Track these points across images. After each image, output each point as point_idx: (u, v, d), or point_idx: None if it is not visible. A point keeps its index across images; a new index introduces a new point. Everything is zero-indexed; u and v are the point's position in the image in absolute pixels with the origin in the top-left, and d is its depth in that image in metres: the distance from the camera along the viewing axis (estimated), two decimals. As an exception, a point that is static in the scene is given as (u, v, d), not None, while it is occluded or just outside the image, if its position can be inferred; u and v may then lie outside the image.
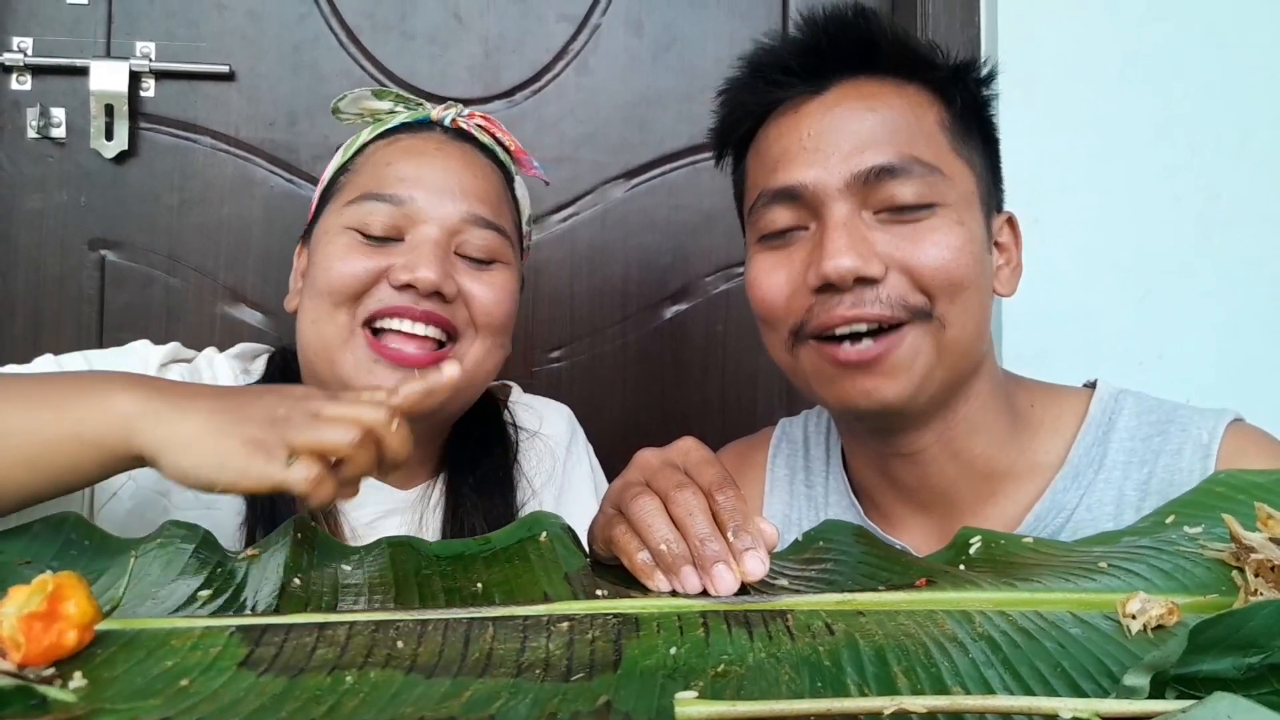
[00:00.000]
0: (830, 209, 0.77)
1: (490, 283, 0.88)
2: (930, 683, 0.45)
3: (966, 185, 0.80)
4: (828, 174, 0.77)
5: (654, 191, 1.41)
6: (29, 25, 1.35)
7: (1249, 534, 0.52)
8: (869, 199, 0.77)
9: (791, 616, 0.52)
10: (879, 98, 0.80)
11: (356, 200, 0.86)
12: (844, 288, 0.75)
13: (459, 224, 0.87)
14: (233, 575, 0.59)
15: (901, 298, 0.76)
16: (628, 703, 0.42)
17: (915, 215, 0.77)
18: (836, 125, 0.79)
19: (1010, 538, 0.63)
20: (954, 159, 0.80)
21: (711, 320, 1.41)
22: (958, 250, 0.76)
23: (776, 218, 0.80)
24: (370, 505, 0.89)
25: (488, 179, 0.91)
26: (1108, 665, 0.45)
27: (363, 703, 0.43)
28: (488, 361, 0.89)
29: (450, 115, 0.94)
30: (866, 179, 0.76)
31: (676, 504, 0.57)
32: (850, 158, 0.77)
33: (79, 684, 0.44)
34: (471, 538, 0.64)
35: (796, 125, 0.80)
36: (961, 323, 0.77)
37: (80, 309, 1.35)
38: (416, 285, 0.83)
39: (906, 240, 0.76)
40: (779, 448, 0.97)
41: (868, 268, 0.75)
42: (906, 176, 0.76)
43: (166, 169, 1.36)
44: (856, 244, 0.75)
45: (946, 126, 0.80)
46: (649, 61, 1.41)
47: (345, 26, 1.38)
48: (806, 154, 0.78)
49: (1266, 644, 0.40)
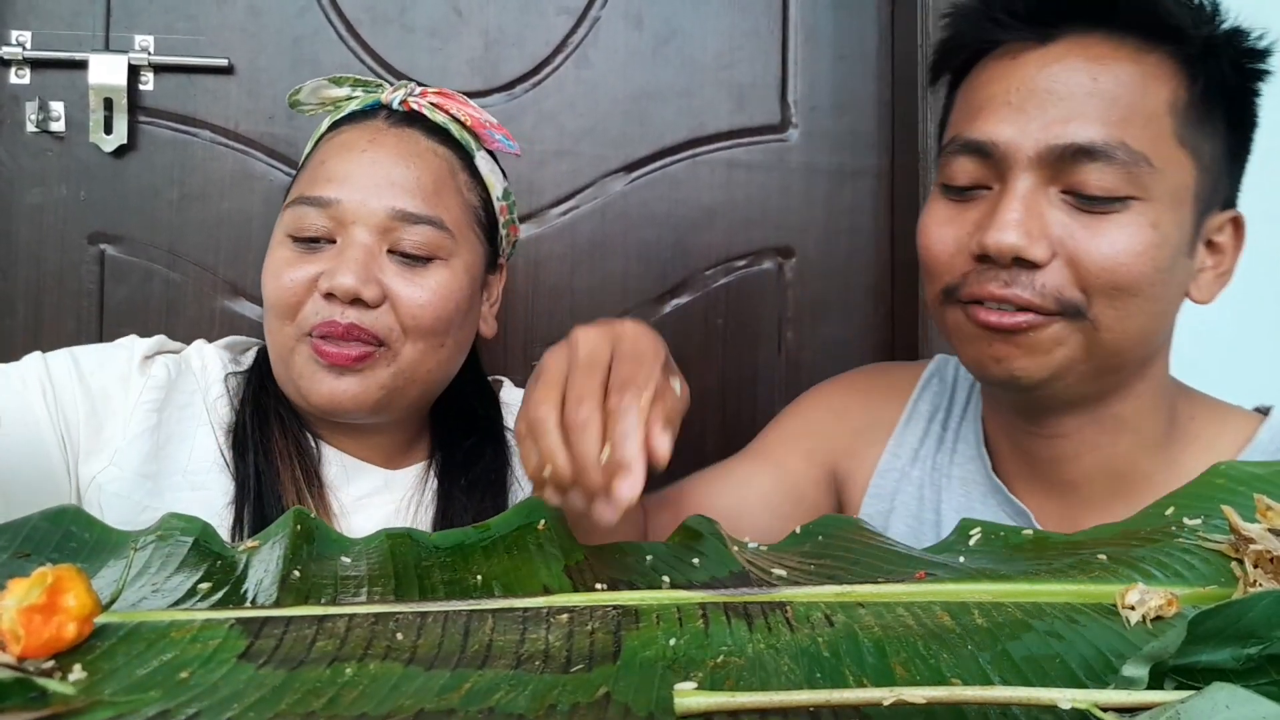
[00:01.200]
0: (1014, 176, 0.71)
1: (421, 284, 0.85)
2: (929, 674, 0.45)
3: (1180, 179, 0.72)
4: (1022, 137, 0.71)
5: (654, 185, 1.41)
6: (27, 18, 1.34)
7: (1248, 525, 0.52)
8: (1058, 176, 0.70)
9: (791, 608, 0.52)
10: (1107, 62, 0.71)
11: (293, 203, 0.86)
12: (1001, 263, 0.71)
13: (387, 222, 0.84)
14: (233, 567, 0.59)
15: (1057, 290, 0.70)
16: (627, 694, 0.43)
17: (1104, 207, 0.70)
18: (1048, 85, 0.71)
19: (1010, 529, 0.63)
20: (1174, 147, 0.71)
21: (712, 314, 1.41)
22: (1136, 255, 0.70)
23: (961, 170, 0.74)
24: (358, 483, 0.90)
25: (426, 165, 0.87)
26: (1107, 656, 0.45)
27: (362, 694, 0.43)
28: (426, 363, 0.87)
29: (400, 96, 0.90)
30: (1061, 155, 0.70)
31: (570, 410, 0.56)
32: (1051, 126, 0.70)
33: (78, 676, 0.44)
34: (470, 526, 0.64)
35: (1008, 74, 0.73)
36: (1118, 328, 0.71)
37: (80, 303, 1.35)
38: (335, 293, 0.82)
39: (1085, 229, 0.70)
40: (929, 383, 0.93)
41: (1031, 249, 0.69)
42: (1106, 162, 0.69)
43: (166, 163, 1.36)
44: (1028, 220, 0.70)
45: (1178, 109, 0.72)
46: (649, 55, 1.41)
47: (345, 20, 1.38)
48: (1009, 110, 0.72)
49: (1265, 635, 0.40)
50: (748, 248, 1.41)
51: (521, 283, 1.39)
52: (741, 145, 1.41)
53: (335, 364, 0.83)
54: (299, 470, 0.87)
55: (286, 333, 0.85)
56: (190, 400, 0.88)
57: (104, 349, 0.88)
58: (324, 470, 0.89)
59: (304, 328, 0.84)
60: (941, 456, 0.88)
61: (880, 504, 0.89)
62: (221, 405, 0.89)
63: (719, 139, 1.41)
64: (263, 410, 0.89)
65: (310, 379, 0.85)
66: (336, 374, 0.84)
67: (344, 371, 0.84)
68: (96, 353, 0.87)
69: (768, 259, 1.42)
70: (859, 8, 1.43)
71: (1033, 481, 0.82)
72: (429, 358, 0.87)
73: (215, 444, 0.87)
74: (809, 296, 1.42)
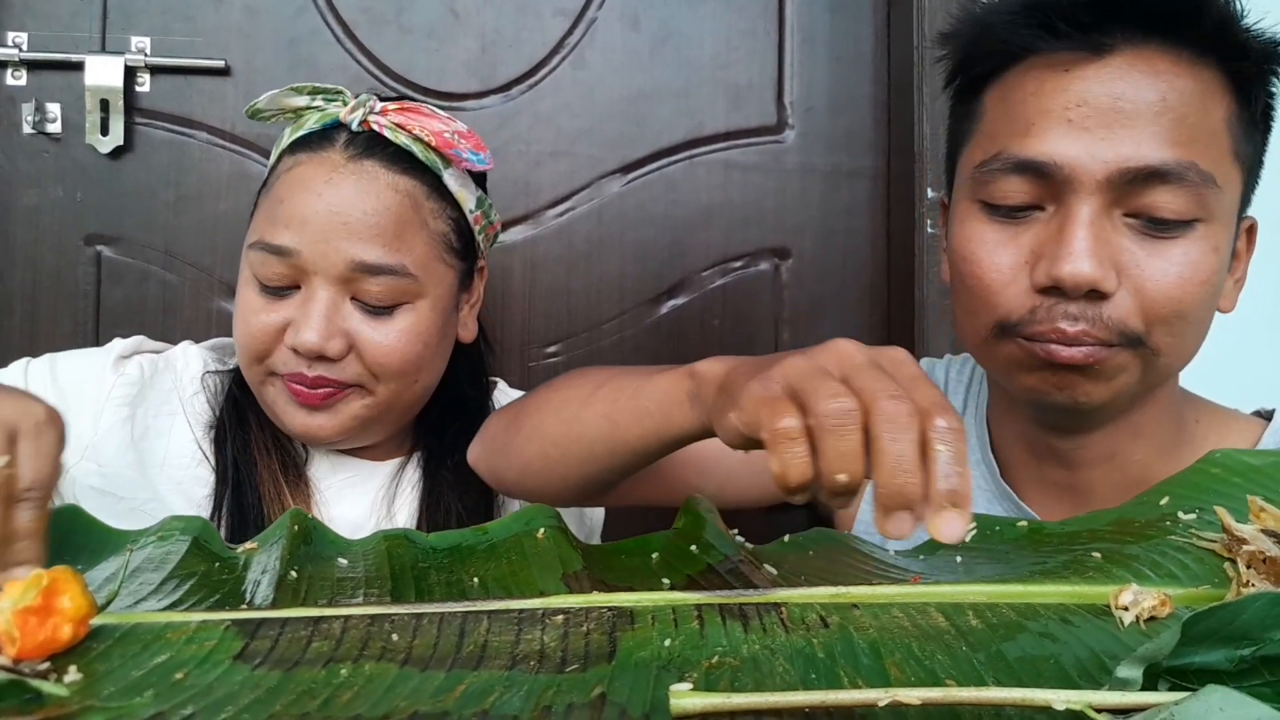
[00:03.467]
0: (1080, 200, 0.67)
1: (386, 330, 0.85)
2: (923, 675, 0.45)
3: (1234, 194, 0.71)
4: (1090, 159, 0.67)
5: (651, 186, 1.41)
6: (24, 20, 1.34)
7: (1241, 526, 0.52)
8: (1125, 199, 0.67)
9: (786, 609, 0.52)
10: (1169, 77, 0.68)
11: (254, 246, 0.86)
12: (1073, 296, 0.67)
13: (347, 273, 0.83)
14: (232, 567, 0.59)
15: (1121, 322, 0.68)
16: (622, 694, 0.43)
17: (1171, 231, 0.68)
18: (1114, 104, 0.67)
19: (1004, 522, 0.63)
20: (1231, 164, 0.70)
21: (708, 315, 1.41)
22: (1200, 283, 0.68)
23: (1012, 189, 0.70)
24: (339, 472, 0.91)
25: (386, 207, 0.84)
26: (1101, 657, 0.45)
27: (357, 696, 0.43)
28: (404, 395, 0.88)
29: (359, 116, 0.86)
30: (1133, 179, 0.66)
31: (882, 416, 0.45)
32: (1120, 147, 0.66)
33: (74, 678, 0.44)
34: (468, 528, 0.64)
35: (1065, 88, 0.68)
36: (1176, 353, 0.71)
37: (76, 305, 1.35)
38: (299, 351, 0.83)
39: (1151, 256, 0.68)
40: None
41: (1105, 281, 0.66)
42: (1178, 185, 0.66)
43: (162, 164, 1.36)
44: (1099, 249, 0.67)
45: (1233, 124, 0.70)
46: (646, 56, 1.41)
47: (341, 21, 1.38)
48: (1070, 128, 0.68)
49: (1259, 636, 0.40)
50: (744, 249, 1.41)
51: (518, 284, 1.39)
52: (738, 146, 1.41)
53: (307, 403, 0.85)
54: (276, 461, 0.88)
55: (256, 370, 0.87)
56: (167, 398, 0.89)
57: (85, 351, 0.90)
58: (306, 464, 0.91)
59: (274, 369, 0.86)
60: None
61: None
62: (199, 402, 0.90)
63: (715, 140, 1.41)
64: (241, 405, 0.90)
65: (284, 411, 0.86)
66: (309, 411, 0.85)
67: (316, 409, 0.85)
68: (76, 355, 0.89)
69: (764, 260, 1.42)
70: (855, 9, 1.43)
71: (1044, 488, 0.81)
72: (405, 392, 0.88)
73: (193, 439, 0.88)
74: (805, 297, 1.42)
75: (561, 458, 0.75)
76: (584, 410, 0.73)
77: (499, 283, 1.38)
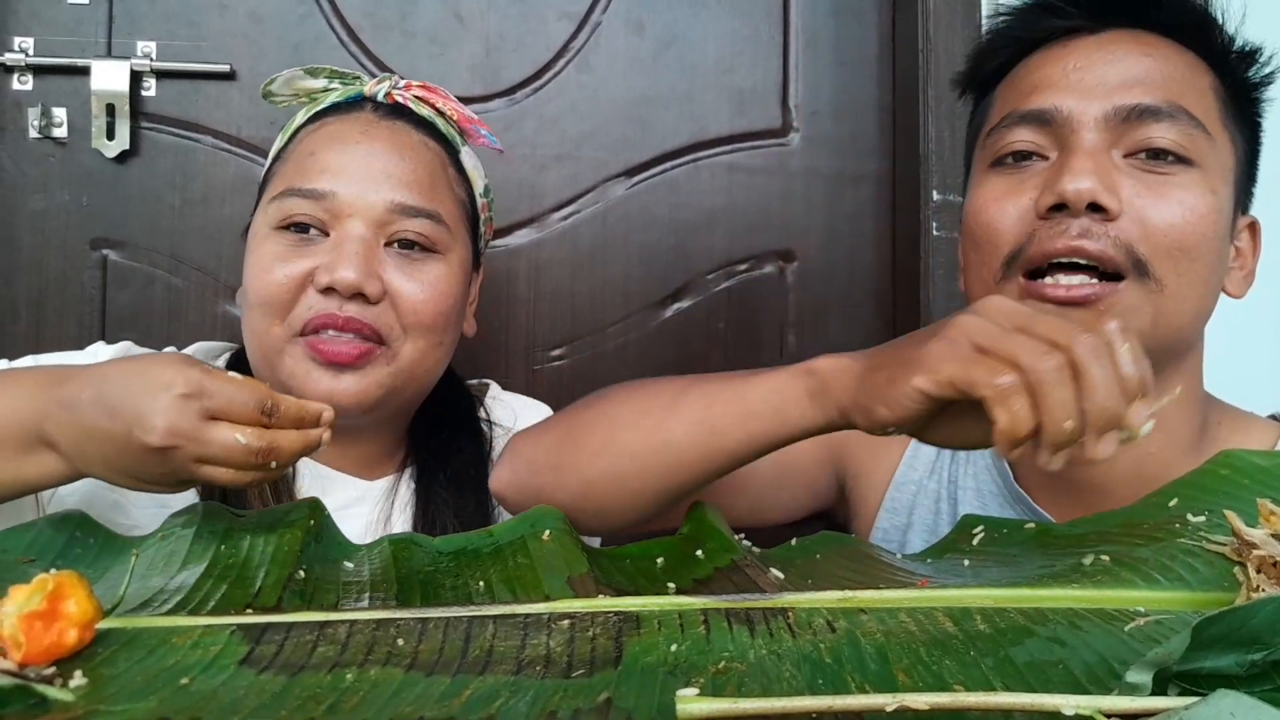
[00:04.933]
0: (1080, 136, 0.73)
1: (421, 279, 0.83)
2: (931, 680, 0.44)
3: (1227, 158, 0.75)
4: (1086, 103, 0.73)
5: (655, 189, 1.41)
6: (30, 25, 1.35)
7: (1251, 530, 0.52)
8: (1123, 139, 0.73)
9: (792, 614, 0.52)
10: (1156, 47, 0.76)
11: (280, 196, 0.84)
12: (1076, 212, 0.70)
13: (386, 215, 0.82)
14: (235, 562, 0.59)
15: (1129, 243, 0.70)
16: (628, 699, 0.42)
17: (1168, 168, 0.72)
18: (1106, 61, 0.74)
19: (1012, 524, 0.63)
20: (1221, 126, 0.75)
21: (713, 318, 1.41)
22: (1200, 216, 0.71)
23: (1018, 137, 0.75)
24: (335, 495, 0.86)
25: (420, 159, 0.86)
26: (1110, 662, 0.45)
27: (362, 701, 0.43)
28: (425, 361, 0.85)
29: (384, 89, 0.88)
30: (1127, 116, 0.72)
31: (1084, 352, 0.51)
32: (1114, 92, 0.73)
33: (79, 683, 0.44)
34: (473, 531, 0.64)
35: (1063, 56, 0.76)
36: (1181, 294, 0.72)
37: (82, 309, 1.35)
38: (336, 288, 0.80)
39: (1150, 190, 0.71)
40: None
41: (1107, 196, 0.70)
42: (1170, 122, 0.72)
43: (168, 169, 1.36)
44: (1101, 171, 0.71)
45: (1220, 96, 0.76)
46: (650, 60, 1.41)
47: (346, 26, 1.38)
48: (1068, 82, 0.74)
49: (1269, 641, 0.40)
50: (749, 252, 1.41)
51: (522, 287, 1.39)
52: (742, 150, 1.41)
53: (334, 362, 0.81)
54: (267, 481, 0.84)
55: (275, 334, 0.83)
56: None
57: (68, 355, 0.85)
58: (297, 482, 0.87)
59: (295, 326, 0.82)
60: (956, 468, 0.87)
61: (898, 518, 0.88)
62: None
63: (720, 143, 1.41)
64: None
65: (305, 379, 0.81)
66: (335, 372, 0.81)
67: (343, 370, 0.81)
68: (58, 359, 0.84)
69: (769, 263, 1.42)
70: (860, 13, 1.43)
71: (1058, 491, 0.80)
72: (428, 356, 0.85)
73: None
74: (810, 300, 1.42)
75: (639, 471, 0.71)
76: (670, 418, 0.70)
77: (503, 286, 1.38)
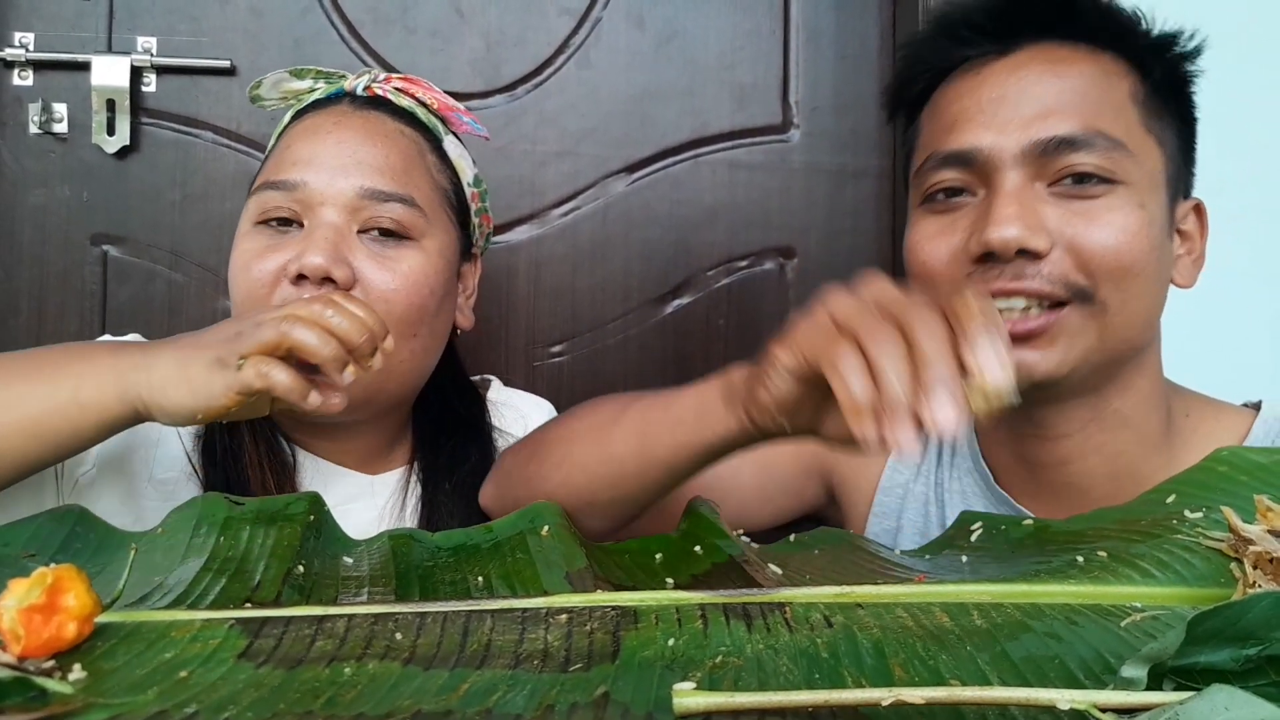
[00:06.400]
0: (1002, 176, 0.73)
1: (393, 268, 0.82)
2: (928, 675, 0.45)
3: (1153, 164, 0.76)
4: (1004, 139, 0.74)
5: (656, 185, 1.41)
6: (30, 20, 1.35)
7: (1247, 526, 0.52)
8: (1045, 170, 0.73)
9: (789, 609, 0.52)
10: (1068, 63, 0.76)
11: (256, 191, 0.85)
12: (1005, 259, 0.72)
13: (356, 201, 0.82)
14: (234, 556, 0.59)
15: (1064, 276, 0.72)
16: (625, 693, 0.43)
17: (1092, 191, 0.73)
18: (1019, 89, 0.75)
19: (1010, 520, 0.63)
20: (1143, 135, 0.75)
21: (714, 314, 1.41)
22: (1133, 234, 0.72)
23: (943, 178, 0.77)
24: (337, 489, 0.86)
25: (394, 145, 0.85)
26: (1105, 657, 0.45)
27: (360, 694, 0.43)
28: (398, 353, 0.80)
29: (363, 82, 0.89)
30: (1045, 149, 0.73)
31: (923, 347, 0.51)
32: (1030, 125, 0.73)
33: (78, 676, 0.44)
34: (473, 527, 0.65)
35: (977, 87, 0.77)
36: (1127, 310, 0.73)
37: (83, 304, 1.35)
38: (305, 273, 0.79)
39: (1079, 217, 0.72)
40: None
41: (1033, 240, 0.71)
42: (1088, 149, 0.72)
43: (168, 164, 1.36)
44: (1025, 214, 0.72)
45: (1139, 100, 0.76)
46: (650, 55, 1.41)
47: (347, 21, 1.38)
48: (984, 117, 0.75)
49: (1265, 636, 0.40)
50: (749, 248, 1.41)
51: (523, 283, 1.39)
52: (743, 146, 1.41)
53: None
54: (270, 477, 0.84)
55: None
56: None
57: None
58: (300, 477, 0.87)
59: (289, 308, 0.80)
60: (942, 471, 0.88)
61: (887, 522, 0.88)
62: None
63: (720, 139, 1.41)
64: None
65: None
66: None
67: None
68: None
69: (769, 259, 1.42)
70: (861, 8, 1.42)
71: (1036, 490, 0.81)
72: (401, 348, 0.82)
73: (183, 450, 0.85)
74: (811, 297, 1.41)
75: (588, 483, 0.73)
76: (613, 431, 0.72)
77: (504, 282, 1.38)
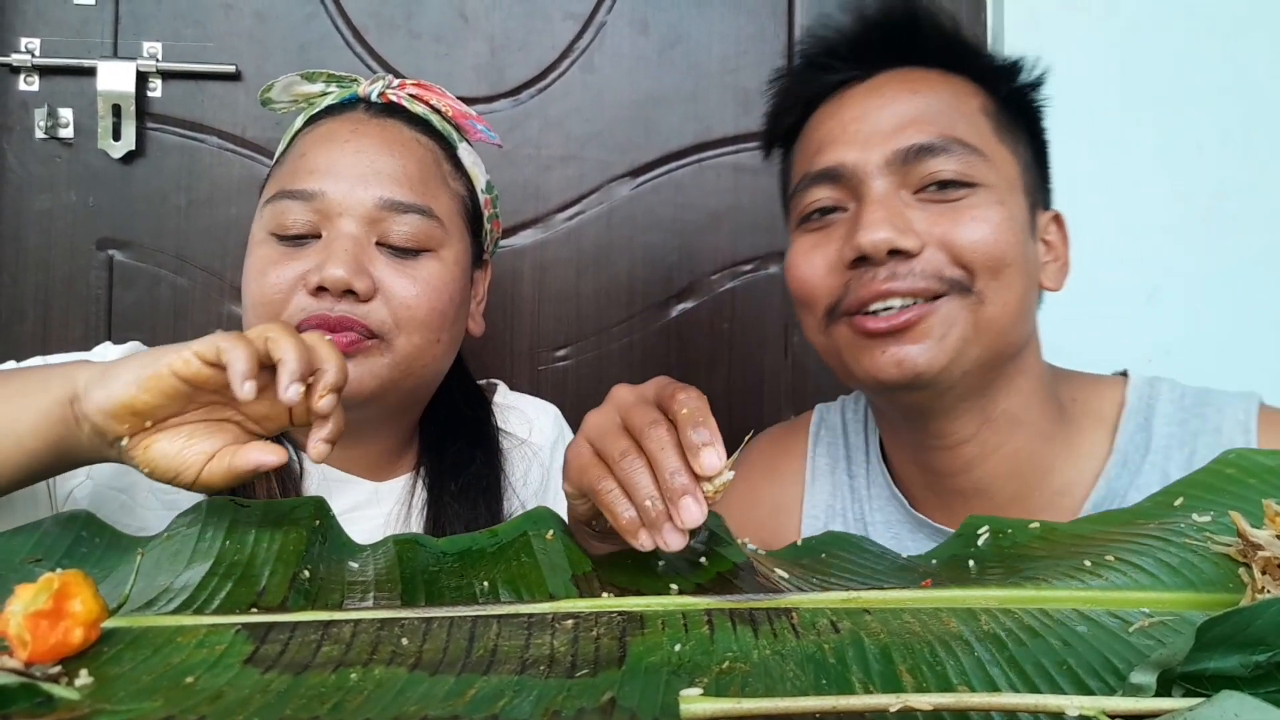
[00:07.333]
0: (869, 186, 0.77)
1: (413, 276, 0.82)
2: (936, 680, 0.44)
3: (1009, 170, 0.80)
4: (868, 153, 0.78)
5: (660, 190, 1.41)
6: (36, 26, 1.35)
7: (1256, 531, 0.52)
8: (908, 178, 0.77)
9: (796, 614, 0.52)
10: (923, 83, 0.81)
11: (273, 199, 0.84)
12: (878, 261, 0.75)
13: (375, 212, 0.82)
14: (240, 561, 0.59)
15: (938, 271, 0.75)
16: (632, 699, 0.42)
17: (955, 194, 0.77)
18: (880, 107, 0.79)
19: (1017, 524, 0.62)
20: (997, 144, 0.80)
21: (718, 318, 1.41)
22: (998, 226, 0.76)
23: (815, 196, 0.80)
24: (343, 496, 0.86)
25: (411, 155, 0.85)
26: (1114, 663, 0.45)
27: (367, 700, 0.43)
28: (423, 356, 0.84)
29: (378, 88, 0.89)
30: (906, 157, 0.77)
31: (649, 440, 0.55)
32: (891, 137, 0.78)
33: (85, 681, 0.44)
34: (478, 531, 0.64)
35: (840, 110, 0.81)
36: (1001, 300, 0.76)
37: (88, 309, 1.35)
38: (326, 286, 0.79)
39: (945, 217, 0.76)
40: (819, 435, 0.95)
41: (903, 240, 0.74)
42: (946, 155, 0.77)
43: (174, 169, 1.37)
44: (893, 217, 0.75)
45: (990, 113, 0.81)
46: (655, 60, 1.41)
47: (351, 26, 1.38)
48: (848, 135, 0.79)
49: (1274, 642, 0.40)
50: (753, 252, 1.41)
51: (527, 287, 1.39)
52: (747, 150, 1.41)
53: None
54: (275, 484, 0.83)
55: None
56: None
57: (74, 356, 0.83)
58: (306, 484, 0.86)
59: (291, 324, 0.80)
60: (859, 507, 0.90)
61: None
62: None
63: (724, 144, 1.41)
64: None
65: None
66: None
67: None
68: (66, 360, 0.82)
69: (774, 263, 1.41)
70: (865, 12, 1.42)
71: (948, 503, 0.84)
72: (425, 351, 0.84)
73: None
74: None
75: None
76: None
77: (508, 286, 1.38)
